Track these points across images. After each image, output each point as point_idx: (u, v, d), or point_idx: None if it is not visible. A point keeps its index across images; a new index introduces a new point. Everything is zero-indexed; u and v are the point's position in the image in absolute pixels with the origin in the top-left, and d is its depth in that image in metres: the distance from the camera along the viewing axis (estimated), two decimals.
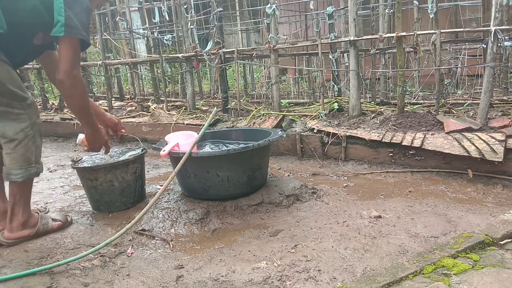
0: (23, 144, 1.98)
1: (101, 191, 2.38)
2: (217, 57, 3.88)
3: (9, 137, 1.95)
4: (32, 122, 2.00)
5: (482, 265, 1.46)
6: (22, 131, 1.97)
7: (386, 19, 3.74)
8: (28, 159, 1.99)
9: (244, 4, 6.80)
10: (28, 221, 2.09)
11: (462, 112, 3.08)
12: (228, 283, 1.64)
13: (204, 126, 2.45)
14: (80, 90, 1.98)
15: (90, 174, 2.36)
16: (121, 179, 2.39)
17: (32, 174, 2.02)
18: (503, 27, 2.66)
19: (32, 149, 2.01)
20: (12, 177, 1.98)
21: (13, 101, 1.94)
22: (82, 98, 2.02)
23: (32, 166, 2.02)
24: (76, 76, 1.92)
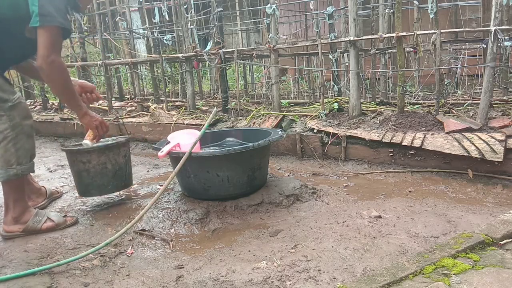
0: (1, 146, 2.01)
1: (93, 174, 2.35)
2: (217, 57, 3.88)
3: None
4: (13, 124, 2.02)
5: (482, 265, 1.46)
6: (1, 132, 1.99)
7: (386, 19, 3.74)
8: (7, 161, 2.03)
9: (244, 4, 6.80)
10: (20, 217, 2.14)
11: (462, 112, 3.08)
12: (228, 283, 1.64)
13: (204, 126, 2.45)
14: (60, 75, 2.01)
15: (83, 156, 2.33)
16: (114, 161, 2.39)
17: (12, 175, 2.04)
18: (503, 27, 2.66)
19: (11, 150, 2.03)
20: None
21: None
22: (63, 82, 2.05)
23: (12, 168, 2.04)
24: (54, 61, 1.95)
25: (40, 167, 3.64)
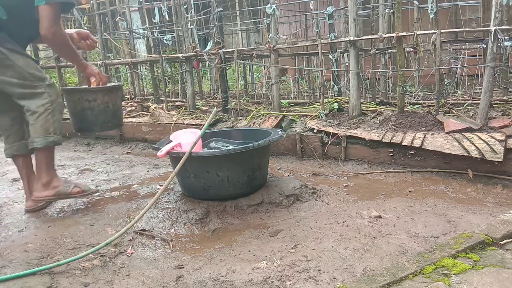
0: (43, 116, 2.33)
1: (97, 112, 2.58)
2: (217, 57, 3.88)
3: (31, 110, 2.33)
4: (52, 100, 2.37)
5: (482, 265, 1.46)
6: (43, 105, 2.33)
7: (386, 19, 3.74)
8: (46, 129, 2.35)
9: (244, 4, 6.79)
10: (50, 183, 2.41)
11: (462, 112, 3.08)
12: (228, 283, 1.64)
13: (204, 126, 2.45)
14: (62, 41, 2.37)
15: (90, 95, 2.57)
16: (114, 102, 2.65)
17: (50, 142, 2.36)
18: (503, 27, 2.66)
19: (50, 121, 2.35)
20: (34, 144, 2.34)
21: (34, 82, 2.33)
22: (66, 46, 2.41)
23: (50, 136, 2.36)
24: (56, 31, 2.29)
25: None
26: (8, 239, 2.13)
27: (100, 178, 3.23)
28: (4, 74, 2.28)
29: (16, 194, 2.92)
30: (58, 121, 2.40)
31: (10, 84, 2.30)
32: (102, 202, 2.66)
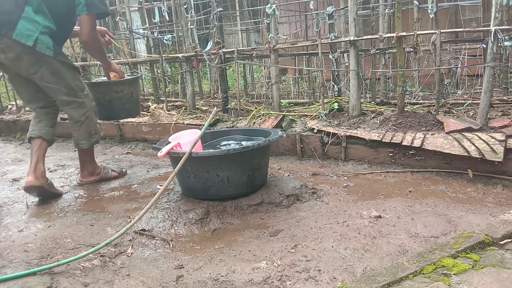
0: (85, 123, 2.79)
1: (124, 101, 3.05)
2: (217, 57, 3.87)
3: (75, 119, 2.77)
4: (90, 107, 2.81)
5: (482, 265, 1.46)
6: (84, 114, 2.77)
7: (386, 19, 3.73)
8: (89, 133, 2.82)
9: (244, 4, 6.79)
10: (94, 171, 3.01)
11: (462, 112, 3.08)
12: (228, 283, 1.64)
13: (204, 126, 2.45)
14: (98, 43, 2.78)
15: (118, 86, 3.03)
16: (136, 92, 3.15)
17: (93, 142, 2.88)
18: (503, 27, 2.66)
19: (91, 125, 2.82)
20: (80, 146, 2.84)
21: (77, 92, 2.72)
22: (100, 48, 2.84)
23: (93, 137, 2.85)
24: (95, 35, 2.70)
25: None
26: (8, 239, 2.13)
27: None
28: (56, 83, 2.62)
29: (16, 194, 2.92)
30: (95, 122, 2.87)
31: (60, 92, 2.66)
32: (102, 202, 2.66)
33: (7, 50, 2.43)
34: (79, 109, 2.75)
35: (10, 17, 2.37)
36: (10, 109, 5.67)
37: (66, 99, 2.69)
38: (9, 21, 2.37)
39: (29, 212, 2.52)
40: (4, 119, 5.19)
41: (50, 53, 2.50)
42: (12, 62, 2.50)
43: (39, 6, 2.43)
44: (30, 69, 2.52)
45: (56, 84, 2.61)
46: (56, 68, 2.57)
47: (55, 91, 2.64)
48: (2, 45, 2.43)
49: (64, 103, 2.72)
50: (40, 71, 2.53)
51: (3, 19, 2.38)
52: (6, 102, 5.89)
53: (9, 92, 5.80)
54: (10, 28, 2.37)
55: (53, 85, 2.61)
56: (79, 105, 2.73)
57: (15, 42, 2.40)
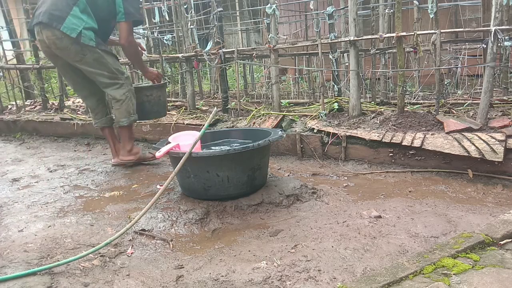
0: (125, 103, 3.16)
1: (153, 103, 3.43)
2: (217, 57, 3.87)
3: (117, 98, 3.14)
4: (129, 88, 3.19)
5: (482, 265, 1.46)
6: (124, 94, 3.15)
7: (386, 19, 3.73)
8: (129, 112, 3.19)
9: (244, 4, 6.79)
10: (132, 150, 3.36)
11: (462, 112, 3.08)
12: (228, 283, 1.64)
13: (204, 126, 2.45)
14: (136, 48, 3.27)
15: (147, 91, 3.40)
16: (163, 96, 3.53)
17: (132, 120, 3.24)
18: (503, 27, 2.66)
19: (130, 105, 3.18)
20: (120, 123, 3.22)
21: (117, 75, 3.12)
22: (137, 53, 3.30)
23: (132, 115, 3.22)
24: (132, 40, 3.18)
25: (40, 167, 3.64)
26: (8, 239, 2.13)
27: (100, 178, 3.23)
28: (99, 69, 3.04)
29: (16, 194, 2.92)
30: (134, 103, 3.23)
31: (102, 76, 3.08)
32: (102, 202, 2.66)
33: (57, 41, 2.90)
34: (120, 89, 3.13)
35: (61, 14, 2.85)
36: (10, 109, 5.67)
37: (108, 82, 3.11)
38: (60, 16, 2.85)
39: (29, 212, 2.52)
40: (4, 119, 5.19)
41: (92, 43, 2.95)
42: (62, 52, 2.96)
43: (85, 8, 2.92)
44: (76, 57, 2.97)
45: (99, 69, 3.05)
46: (98, 55, 3.00)
47: (98, 75, 3.07)
48: (53, 37, 2.89)
49: (106, 85, 3.13)
50: (85, 58, 2.97)
51: (56, 15, 2.86)
52: (6, 102, 5.88)
53: (9, 92, 5.80)
54: (59, 22, 2.84)
55: (96, 70, 3.04)
56: (120, 86, 3.13)
57: (63, 34, 2.86)
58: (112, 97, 3.17)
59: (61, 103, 5.22)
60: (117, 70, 3.13)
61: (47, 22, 2.86)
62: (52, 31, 2.87)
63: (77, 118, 4.65)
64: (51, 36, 2.89)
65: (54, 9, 2.86)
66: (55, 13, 2.85)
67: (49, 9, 2.87)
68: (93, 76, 3.11)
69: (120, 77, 3.14)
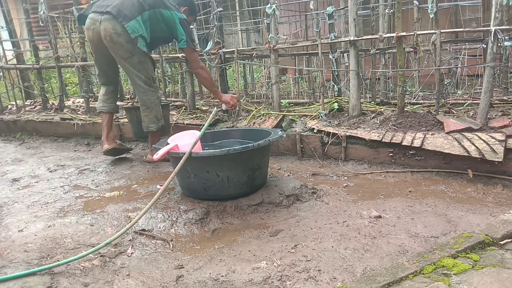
0: (154, 109, 3.35)
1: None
2: (217, 57, 3.87)
3: (147, 105, 3.33)
4: (157, 96, 3.40)
5: (482, 265, 1.46)
6: (154, 101, 3.34)
7: (386, 19, 3.73)
8: (157, 117, 3.38)
9: (244, 4, 6.79)
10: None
11: (462, 112, 3.07)
12: (228, 283, 1.64)
13: (204, 126, 2.45)
14: (208, 74, 3.53)
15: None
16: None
17: (160, 125, 3.42)
18: (503, 27, 2.66)
19: (158, 111, 3.38)
20: (150, 129, 3.38)
21: (152, 82, 3.33)
22: (210, 78, 3.57)
23: (160, 121, 3.41)
24: (204, 67, 3.47)
25: (40, 167, 3.64)
26: (8, 239, 2.13)
27: (100, 178, 3.23)
28: (139, 71, 3.25)
29: (16, 194, 2.92)
30: (160, 110, 3.43)
31: (139, 78, 3.26)
32: (102, 202, 2.66)
33: (115, 35, 3.11)
34: (151, 96, 3.32)
35: (129, 14, 3.11)
36: (10, 109, 5.67)
37: (143, 86, 3.29)
38: (128, 16, 3.11)
39: (29, 212, 2.52)
40: (4, 119, 5.19)
41: (144, 49, 3.23)
42: (114, 45, 3.15)
43: (146, 20, 3.21)
44: (125, 54, 3.18)
45: (139, 71, 3.24)
46: (144, 60, 3.25)
47: (136, 76, 3.26)
48: (112, 30, 3.10)
49: (140, 89, 3.31)
50: (132, 57, 3.19)
51: (124, 13, 3.10)
52: (6, 102, 5.88)
53: (9, 92, 5.80)
54: (125, 20, 3.09)
55: (137, 71, 3.24)
56: (151, 93, 3.32)
57: (124, 31, 3.09)
58: (143, 103, 3.35)
59: (61, 103, 5.22)
60: (152, 78, 3.35)
61: (115, 15, 3.09)
62: (114, 25, 3.09)
63: (77, 118, 4.65)
64: (111, 29, 3.10)
65: (123, 8, 3.12)
66: (124, 11, 3.11)
67: (119, 6, 3.12)
68: (131, 76, 3.31)
69: (153, 85, 3.34)
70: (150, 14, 3.22)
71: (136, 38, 3.14)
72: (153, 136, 3.45)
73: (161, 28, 3.30)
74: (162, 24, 3.29)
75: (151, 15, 3.22)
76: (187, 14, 3.47)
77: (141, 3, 3.18)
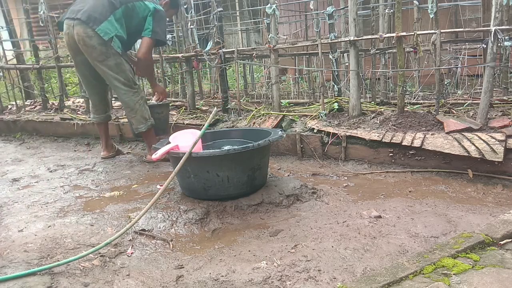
0: (139, 110, 3.32)
1: (163, 121, 3.66)
2: (217, 57, 3.87)
3: (131, 107, 3.32)
4: (141, 96, 3.37)
5: (482, 265, 1.46)
6: (137, 102, 3.31)
7: (386, 19, 3.73)
8: (144, 117, 3.35)
9: (244, 4, 6.79)
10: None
11: (462, 112, 3.08)
12: (228, 283, 1.64)
13: (204, 126, 2.45)
14: (150, 63, 3.47)
15: (159, 109, 3.60)
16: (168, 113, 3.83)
17: (149, 125, 3.37)
18: (503, 27, 2.66)
19: (144, 110, 3.35)
20: (139, 130, 3.36)
21: (132, 84, 3.30)
22: (151, 67, 3.56)
23: (148, 120, 3.37)
24: (149, 56, 3.38)
25: (40, 167, 3.64)
26: (8, 239, 2.13)
27: (100, 178, 3.23)
28: (117, 73, 3.21)
29: (16, 194, 2.92)
30: (147, 109, 3.39)
31: (118, 80, 3.23)
32: (102, 202, 2.66)
33: (87, 39, 3.09)
34: (133, 97, 3.29)
35: (99, 16, 3.08)
36: (10, 109, 5.67)
37: (123, 88, 3.26)
38: (98, 19, 3.07)
39: (29, 212, 2.52)
40: (4, 119, 5.19)
41: (119, 50, 3.18)
42: (88, 49, 3.12)
43: (119, 18, 3.17)
44: (99, 57, 3.14)
45: (117, 74, 3.21)
46: (120, 61, 3.20)
47: (115, 79, 3.23)
48: (84, 34, 3.08)
49: (120, 91, 3.28)
50: (107, 60, 3.15)
51: (94, 16, 3.08)
52: (6, 102, 5.88)
53: (9, 92, 5.80)
54: (96, 23, 3.06)
55: (114, 74, 3.21)
56: (133, 94, 3.29)
57: (96, 34, 3.06)
58: (126, 105, 3.33)
59: (61, 103, 5.22)
60: (132, 79, 3.31)
61: (85, 20, 3.08)
62: (85, 29, 3.08)
63: (77, 118, 4.65)
64: (82, 33, 3.09)
65: (93, 11, 3.10)
66: (94, 14, 3.09)
67: (89, 10, 3.11)
68: (110, 80, 3.26)
69: (133, 86, 3.31)
70: (122, 11, 3.18)
71: (110, 40, 3.10)
72: (147, 137, 3.44)
73: (137, 22, 3.27)
74: (137, 18, 3.26)
75: (124, 12, 3.19)
76: (168, 7, 3.46)
77: (111, 2, 3.14)
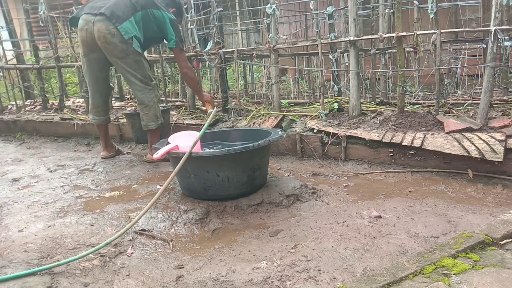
0: (153, 108, 3.38)
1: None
2: (217, 57, 3.87)
3: (145, 103, 3.36)
4: (156, 94, 3.43)
5: (482, 265, 1.46)
6: (152, 99, 3.37)
7: (386, 19, 3.73)
8: (156, 116, 3.40)
9: (244, 4, 6.79)
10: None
11: (462, 112, 3.08)
12: (228, 283, 1.64)
13: (204, 126, 2.45)
14: (194, 75, 3.69)
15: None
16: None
17: (159, 124, 3.44)
18: (503, 27, 2.66)
19: (157, 109, 3.41)
20: (149, 127, 3.40)
21: (149, 80, 3.36)
22: (196, 79, 3.72)
23: (159, 119, 3.43)
24: (191, 68, 3.59)
25: (40, 167, 3.64)
26: (8, 239, 2.13)
27: (100, 178, 3.23)
28: (135, 70, 3.28)
29: (16, 194, 2.92)
30: (160, 108, 3.48)
31: (135, 77, 3.29)
32: (102, 202, 2.66)
33: (109, 36, 3.14)
34: (149, 94, 3.34)
35: (122, 15, 3.15)
36: (10, 109, 5.67)
37: (139, 84, 3.32)
38: (121, 17, 3.14)
39: (29, 212, 2.52)
40: (4, 119, 5.19)
41: (138, 49, 3.26)
42: (108, 46, 3.17)
43: (138, 21, 3.26)
44: (120, 53, 3.20)
45: (135, 70, 3.28)
46: (139, 59, 3.28)
47: (132, 75, 3.29)
48: (106, 31, 3.12)
49: (136, 87, 3.34)
50: (127, 57, 3.23)
51: (118, 14, 3.14)
52: (6, 102, 5.88)
53: (9, 92, 5.80)
54: (119, 21, 3.12)
55: (133, 70, 3.27)
56: (149, 91, 3.35)
57: (118, 32, 3.13)
58: (141, 102, 3.37)
59: (61, 103, 5.22)
60: (149, 76, 3.38)
61: (109, 16, 3.11)
62: (108, 26, 3.12)
63: (77, 118, 4.65)
64: (104, 29, 3.13)
65: (116, 9, 3.16)
66: (117, 12, 3.14)
67: (112, 7, 3.15)
68: (127, 76, 3.32)
69: (150, 83, 3.36)
70: (142, 15, 3.26)
71: (130, 39, 3.17)
72: (153, 135, 3.45)
73: (153, 28, 3.35)
74: (154, 24, 3.34)
75: (143, 16, 3.27)
76: (175, 15, 3.54)
77: (133, 4, 3.21)
